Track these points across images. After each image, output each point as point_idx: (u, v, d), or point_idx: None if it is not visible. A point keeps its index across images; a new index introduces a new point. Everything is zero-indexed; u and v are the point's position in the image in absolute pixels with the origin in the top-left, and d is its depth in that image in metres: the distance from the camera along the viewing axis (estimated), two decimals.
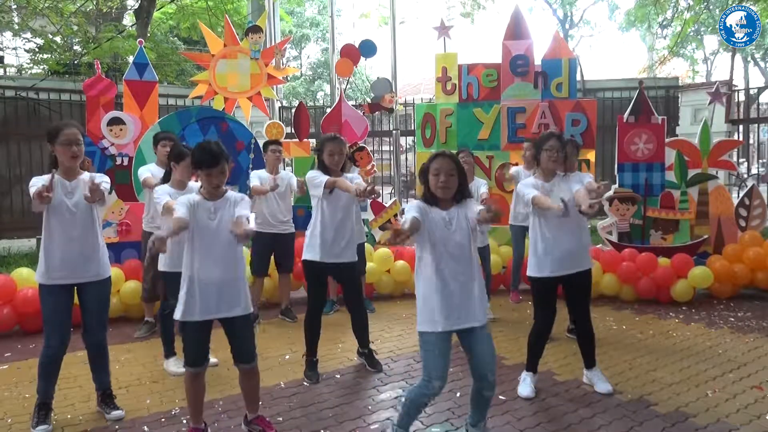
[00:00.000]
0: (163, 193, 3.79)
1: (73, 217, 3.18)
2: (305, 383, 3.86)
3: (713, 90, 6.66)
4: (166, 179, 3.99)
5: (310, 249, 3.89)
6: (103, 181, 3.23)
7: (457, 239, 2.69)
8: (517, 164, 6.12)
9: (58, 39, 12.06)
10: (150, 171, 4.70)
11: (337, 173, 3.83)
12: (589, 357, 3.71)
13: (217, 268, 2.86)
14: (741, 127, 8.59)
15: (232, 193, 3.01)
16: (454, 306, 2.66)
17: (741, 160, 9.92)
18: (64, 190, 3.16)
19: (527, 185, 3.55)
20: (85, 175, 3.26)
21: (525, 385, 3.62)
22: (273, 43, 8.18)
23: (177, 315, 2.88)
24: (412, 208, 2.72)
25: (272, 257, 5.41)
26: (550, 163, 3.52)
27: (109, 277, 3.38)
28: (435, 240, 2.68)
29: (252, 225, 2.75)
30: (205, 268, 2.85)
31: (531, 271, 3.59)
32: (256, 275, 5.32)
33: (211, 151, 2.84)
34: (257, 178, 5.19)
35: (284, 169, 5.78)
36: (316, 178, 3.82)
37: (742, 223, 6.32)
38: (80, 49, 12.45)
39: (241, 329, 2.96)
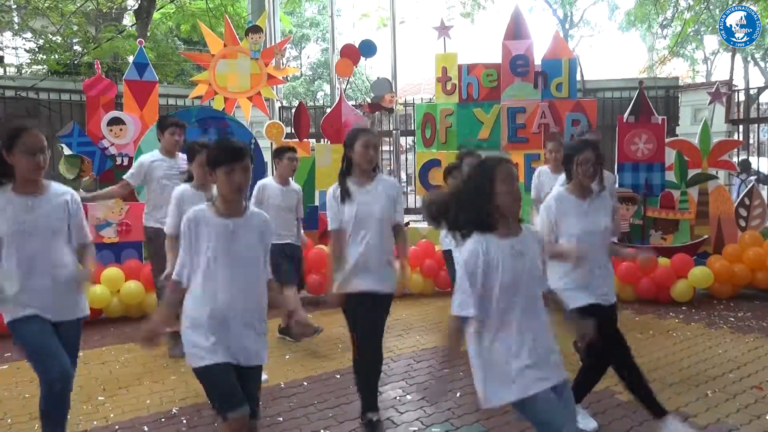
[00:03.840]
0: (176, 195, 3.66)
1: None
2: (305, 383, 3.86)
3: (713, 90, 6.67)
4: (189, 178, 3.88)
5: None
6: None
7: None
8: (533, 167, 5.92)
9: (58, 39, 12.04)
10: (146, 162, 4.45)
11: (367, 174, 3.10)
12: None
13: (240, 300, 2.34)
14: (741, 127, 8.57)
15: (258, 212, 2.47)
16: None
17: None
18: (23, 207, 2.57)
19: (547, 214, 3.07)
20: (56, 189, 2.69)
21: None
22: (273, 43, 8.18)
23: (194, 361, 2.32)
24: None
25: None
26: (585, 180, 3.04)
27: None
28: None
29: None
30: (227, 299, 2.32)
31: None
32: (287, 285, 4.74)
33: (232, 145, 2.35)
34: (268, 188, 4.65)
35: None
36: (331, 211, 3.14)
37: (742, 223, 6.32)
38: (80, 49, 12.44)
39: (254, 379, 2.43)
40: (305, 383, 3.87)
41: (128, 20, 14.75)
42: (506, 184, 2.13)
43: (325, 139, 7.22)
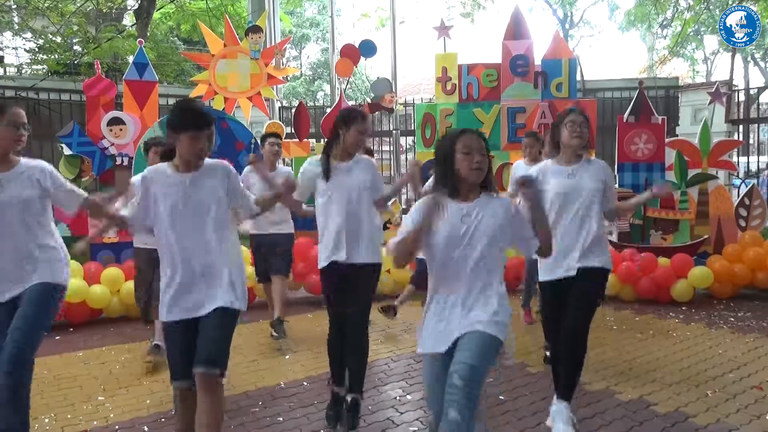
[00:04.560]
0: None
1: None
2: (305, 383, 3.86)
3: (713, 90, 6.66)
4: None
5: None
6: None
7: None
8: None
9: (58, 39, 12.05)
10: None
11: (351, 155, 3.16)
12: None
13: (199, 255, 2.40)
14: (741, 127, 8.58)
15: (214, 162, 2.50)
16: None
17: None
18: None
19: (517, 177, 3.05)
20: (27, 162, 2.72)
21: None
22: (273, 43, 8.18)
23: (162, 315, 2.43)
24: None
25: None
26: (573, 140, 2.98)
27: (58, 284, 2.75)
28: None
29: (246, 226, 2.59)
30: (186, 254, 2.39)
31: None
32: (264, 281, 4.91)
33: (195, 109, 2.41)
34: (254, 175, 4.61)
35: (282, 165, 5.31)
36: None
37: (742, 223, 6.32)
38: (80, 49, 12.45)
39: (214, 326, 2.40)
40: (305, 383, 3.86)
41: (128, 20, 14.76)
42: (464, 153, 2.19)
43: (325, 139, 7.20)
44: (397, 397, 3.61)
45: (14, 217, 2.62)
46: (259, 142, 6.15)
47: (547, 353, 3.88)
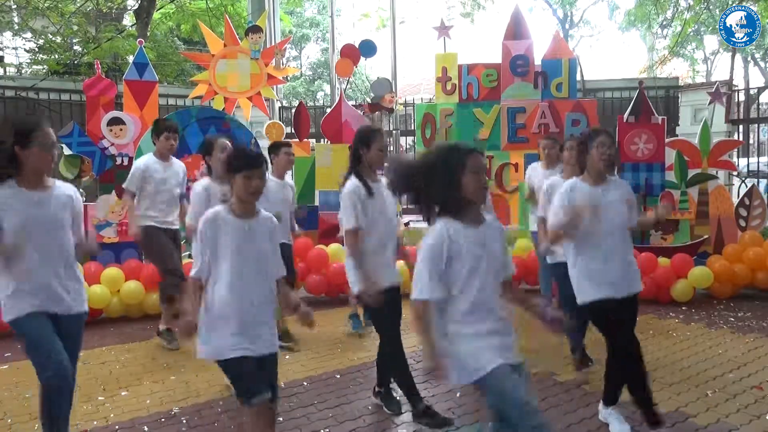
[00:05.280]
0: (201, 188, 3.93)
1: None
2: (305, 383, 3.86)
3: (713, 90, 6.66)
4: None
5: None
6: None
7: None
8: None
9: (58, 39, 12.04)
10: (146, 164, 4.53)
11: (375, 174, 3.25)
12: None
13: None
14: (741, 127, 8.57)
15: (267, 215, 2.61)
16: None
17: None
18: (31, 201, 2.61)
19: (560, 197, 3.04)
20: (61, 186, 2.78)
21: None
22: (273, 43, 8.18)
23: (218, 354, 2.47)
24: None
25: None
26: (601, 164, 2.97)
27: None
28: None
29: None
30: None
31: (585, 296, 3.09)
32: None
33: (252, 153, 2.54)
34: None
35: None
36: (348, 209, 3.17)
37: (742, 223, 6.32)
38: (80, 49, 12.44)
39: (273, 364, 2.61)
40: (305, 383, 3.86)
41: (128, 20, 14.76)
42: (475, 175, 2.16)
43: (325, 139, 7.22)
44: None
45: (50, 235, 2.65)
46: (259, 144, 6.15)
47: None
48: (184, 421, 3.28)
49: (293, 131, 7.16)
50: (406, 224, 5.56)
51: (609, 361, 3.14)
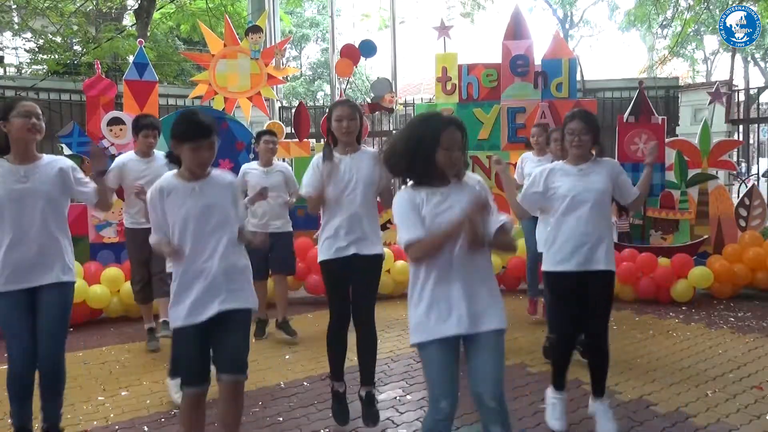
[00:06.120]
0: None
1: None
2: (305, 383, 3.86)
3: (713, 90, 6.66)
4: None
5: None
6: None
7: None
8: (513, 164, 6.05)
9: (58, 39, 12.05)
10: (123, 162, 4.40)
11: (351, 145, 3.21)
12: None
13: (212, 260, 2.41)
14: (741, 127, 8.58)
15: (220, 173, 2.57)
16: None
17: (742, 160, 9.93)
18: (17, 175, 2.68)
19: (539, 173, 3.11)
20: (49, 158, 2.83)
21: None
22: (273, 43, 8.19)
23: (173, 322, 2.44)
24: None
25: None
26: (573, 149, 3.04)
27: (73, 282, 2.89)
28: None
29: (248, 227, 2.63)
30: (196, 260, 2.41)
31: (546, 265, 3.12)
32: (257, 279, 4.99)
33: (198, 120, 2.40)
34: (249, 173, 4.81)
35: (280, 161, 5.30)
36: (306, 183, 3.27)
37: (742, 223, 6.32)
38: (80, 49, 12.44)
39: (237, 326, 2.46)
40: (305, 383, 3.87)
41: (128, 20, 14.76)
42: (446, 152, 2.14)
43: (325, 139, 7.20)
44: (397, 397, 3.61)
45: (36, 209, 2.69)
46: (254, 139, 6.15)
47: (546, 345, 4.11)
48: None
49: (293, 131, 7.16)
50: None
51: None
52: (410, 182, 2.24)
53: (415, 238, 2.13)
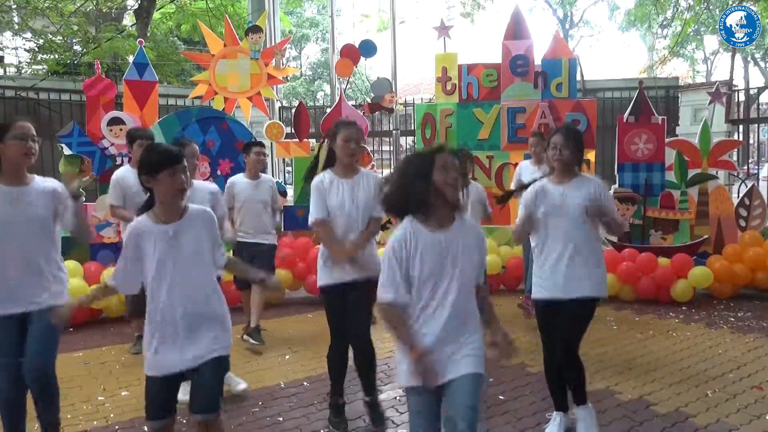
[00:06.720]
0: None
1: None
2: (305, 383, 3.86)
3: (713, 90, 6.66)
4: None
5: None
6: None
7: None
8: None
9: (58, 39, 12.05)
10: (120, 176, 4.34)
11: (351, 168, 3.17)
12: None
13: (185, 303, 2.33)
14: (741, 127, 8.58)
15: (197, 208, 2.44)
16: None
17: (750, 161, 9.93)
18: (7, 198, 2.61)
19: (525, 203, 3.03)
20: (41, 181, 2.74)
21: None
22: (273, 43, 8.18)
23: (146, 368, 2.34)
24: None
25: None
26: (555, 163, 2.97)
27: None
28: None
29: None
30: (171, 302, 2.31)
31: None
32: (242, 289, 4.83)
33: (169, 148, 2.36)
34: (237, 184, 4.71)
35: (265, 173, 5.10)
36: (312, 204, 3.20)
37: (742, 223, 6.32)
38: (80, 49, 12.45)
39: (211, 372, 2.35)
40: (305, 383, 3.87)
41: (128, 20, 14.77)
42: (443, 170, 2.09)
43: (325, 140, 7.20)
44: (397, 397, 3.61)
45: (28, 232, 2.63)
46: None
47: None
48: (183, 421, 3.28)
49: (293, 131, 7.16)
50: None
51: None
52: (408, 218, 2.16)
53: (391, 300, 2.11)
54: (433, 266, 2.10)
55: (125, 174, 4.40)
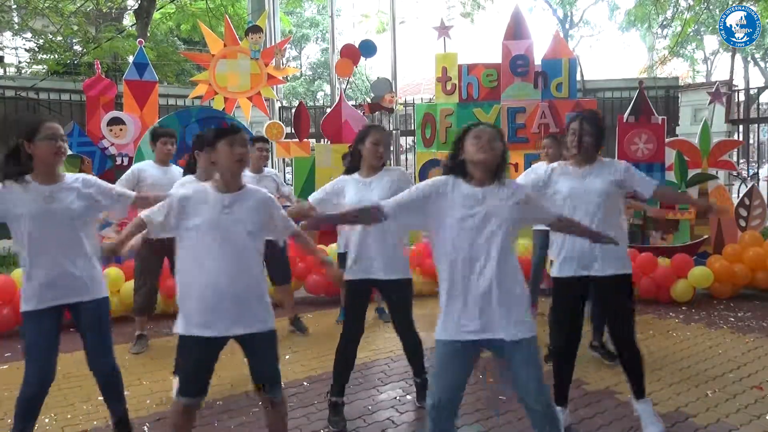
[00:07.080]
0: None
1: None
2: (305, 383, 3.86)
3: (713, 90, 6.66)
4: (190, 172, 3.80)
5: None
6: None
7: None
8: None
9: (58, 39, 12.05)
10: (140, 168, 4.50)
11: (374, 169, 3.23)
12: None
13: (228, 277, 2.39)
14: (741, 127, 8.58)
15: (255, 188, 2.57)
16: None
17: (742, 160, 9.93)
18: (43, 195, 2.68)
19: (541, 172, 3.11)
20: (72, 176, 2.84)
21: None
22: (273, 43, 8.18)
23: (178, 328, 2.44)
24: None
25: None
26: (572, 149, 3.01)
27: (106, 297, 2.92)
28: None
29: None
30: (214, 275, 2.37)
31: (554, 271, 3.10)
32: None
33: (231, 126, 2.49)
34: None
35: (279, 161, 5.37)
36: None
37: (742, 223, 6.32)
38: (80, 49, 12.45)
39: (261, 348, 2.50)
40: (305, 383, 3.86)
41: (128, 20, 14.77)
42: (474, 140, 2.27)
43: (325, 139, 7.22)
44: (397, 397, 3.61)
45: (63, 227, 2.70)
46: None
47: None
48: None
49: (293, 131, 7.16)
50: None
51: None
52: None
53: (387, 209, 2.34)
54: (462, 219, 2.28)
55: (146, 167, 4.56)
